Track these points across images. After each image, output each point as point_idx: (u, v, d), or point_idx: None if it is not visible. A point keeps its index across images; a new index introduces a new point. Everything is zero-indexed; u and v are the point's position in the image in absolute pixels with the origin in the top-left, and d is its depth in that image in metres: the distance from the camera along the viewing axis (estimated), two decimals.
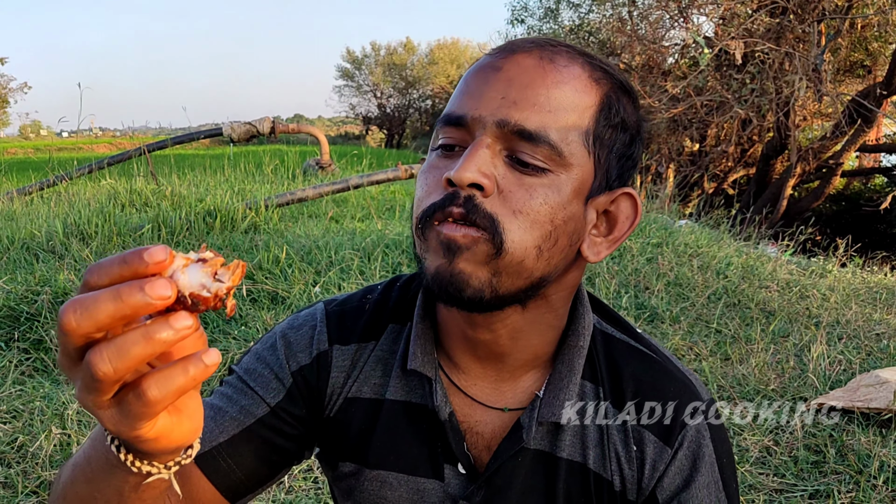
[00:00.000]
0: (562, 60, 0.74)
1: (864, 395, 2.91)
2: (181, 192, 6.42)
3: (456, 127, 0.74)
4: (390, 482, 0.87)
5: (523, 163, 0.72)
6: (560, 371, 0.83)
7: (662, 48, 10.53)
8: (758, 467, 2.54)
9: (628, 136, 0.78)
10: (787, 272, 5.17)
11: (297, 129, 10.81)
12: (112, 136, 28.82)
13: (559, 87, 0.73)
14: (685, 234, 5.59)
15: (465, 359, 0.85)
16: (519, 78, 0.72)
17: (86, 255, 4.38)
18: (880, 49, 10.18)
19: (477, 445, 0.86)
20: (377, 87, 37.20)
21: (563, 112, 0.72)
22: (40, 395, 2.86)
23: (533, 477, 0.84)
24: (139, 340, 0.47)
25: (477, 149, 0.71)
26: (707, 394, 0.86)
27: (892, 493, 2.34)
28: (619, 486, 0.82)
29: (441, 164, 0.75)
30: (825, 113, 10.55)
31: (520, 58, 0.74)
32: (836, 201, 12.76)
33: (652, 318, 4.06)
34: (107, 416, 0.51)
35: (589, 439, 0.83)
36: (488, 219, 0.70)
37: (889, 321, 4.17)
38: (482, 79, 0.74)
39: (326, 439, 0.90)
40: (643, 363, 0.86)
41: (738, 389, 3.18)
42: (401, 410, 0.86)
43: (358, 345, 0.89)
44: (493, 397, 0.86)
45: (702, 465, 0.81)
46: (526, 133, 0.71)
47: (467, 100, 0.74)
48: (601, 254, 0.80)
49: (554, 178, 0.72)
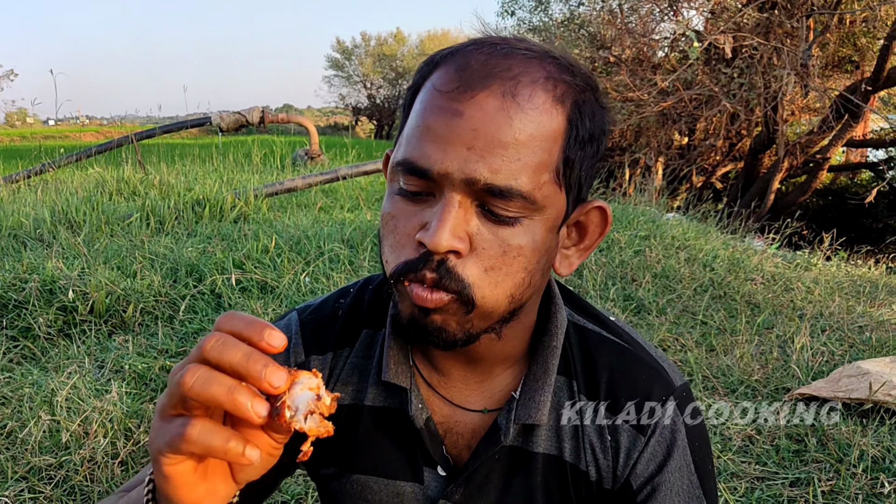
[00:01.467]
0: (524, 92, 0.69)
1: (846, 386, 2.96)
2: (170, 181, 6.41)
3: (420, 178, 0.70)
4: (371, 486, 0.89)
5: (496, 216, 0.70)
6: (535, 372, 0.84)
7: (652, 41, 10.55)
8: (740, 455, 2.58)
9: (596, 145, 0.76)
10: (772, 265, 5.22)
11: (287, 118, 10.78)
12: (99, 125, 28.59)
13: (526, 129, 0.69)
14: (673, 226, 5.63)
15: (441, 362, 0.86)
16: (484, 127, 0.68)
17: (74, 243, 4.36)
18: (868, 44, 10.25)
19: (457, 445, 0.87)
20: (367, 78, 37.08)
21: (533, 155, 0.69)
22: (29, 383, 2.86)
23: (511, 473, 0.85)
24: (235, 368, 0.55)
25: (448, 210, 0.69)
26: (680, 378, 0.87)
27: (872, 481, 2.39)
28: (594, 475, 0.84)
29: (409, 210, 0.73)
30: (813, 108, 10.62)
31: (481, 99, 0.68)
32: (823, 196, 12.86)
33: (639, 310, 4.10)
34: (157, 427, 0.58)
35: (564, 432, 0.85)
36: (459, 283, 0.71)
37: (871, 314, 4.22)
38: (443, 125, 0.69)
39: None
40: (615, 353, 0.87)
41: (722, 380, 3.22)
42: (379, 416, 0.88)
43: (333, 352, 0.90)
44: (470, 399, 0.87)
45: (674, 450, 0.82)
46: (496, 190, 0.68)
47: (430, 149, 0.69)
48: (573, 265, 0.81)
49: (528, 224, 0.72)
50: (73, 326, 3.45)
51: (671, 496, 0.81)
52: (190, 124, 10.14)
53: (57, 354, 3.20)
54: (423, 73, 0.75)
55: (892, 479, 2.37)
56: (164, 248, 4.45)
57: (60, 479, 2.27)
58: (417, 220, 0.72)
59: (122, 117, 23.24)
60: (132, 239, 4.71)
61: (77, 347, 3.28)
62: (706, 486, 0.84)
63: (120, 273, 3.96)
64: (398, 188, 0.74)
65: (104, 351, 3.25)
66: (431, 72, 0.73)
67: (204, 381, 0.53)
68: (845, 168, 13.19)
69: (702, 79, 8.92)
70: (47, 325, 3.40)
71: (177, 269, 4.11)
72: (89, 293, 3.56)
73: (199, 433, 0.54)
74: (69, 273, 3.71)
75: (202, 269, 4.08)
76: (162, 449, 0.56)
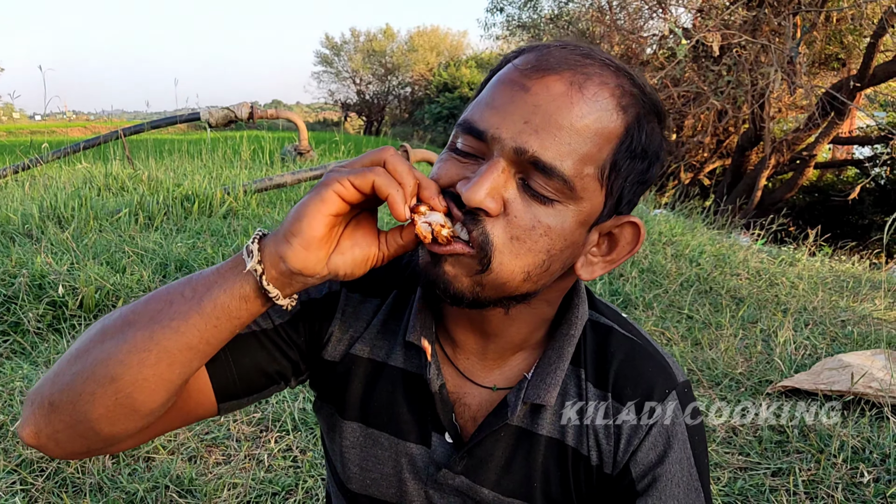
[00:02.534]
0: (592, 87, 0.73)
1: (828, 379, 3.01)
2: (158, 177, 6.39)
3: (475, 138, 0.75)
4: (381, 442, 0.92)
5: (534, 191, 0.73)
6: (549, 356, 0.88)
7: (641, 39, 10.60)
8: (723, 446, 2.63)
9: (647, 164, 0.79)
10: (757, 261, 5.28)
11: (276, 114, 10.75)
12: (86, 120, 28.41)
13: (583, 119, 0.72)
14: (660, 222, 5.68)
15: (461, 334, 0.90)
16: (545, 105, 0.72)
17: (63, 239, 4.36)
18: (854, 42, 10.34)
19: (464, 416, 0.91)
20: (356, 74, 37.03)
21: (583, 145, 0.73)
22: (19, 377, 2.87)
23: (513, 451, 0.89)
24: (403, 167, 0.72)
25: (492, 171, 0.72)
26: (682, 376, 0.91)
27: (852, 471, 2.44)
28: (595, 460, 0.87)
29: (456, 165, 0.77)
30: (800, 105, 10.71)
31: (550, 81, 0.73)
32: (810, 192, 12.98)
33: (626, 305, 4.14)
34: (338, 171, 0.71)
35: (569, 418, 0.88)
36: (484, 238, 0.73)
37: (854, 308, 4.29)
38: (508, 96, 0.74)
39: (326, 388, 0.96)
40: (626, 346, 0.90)
41: (706, 373, 3.26)
42: (399, 377, 0.92)
43: (362, 296, 0.95)
44: (483, 374, 0.91)
45: (675, 442, 0.85)
46: (541, 165, 0.72)
47: (490, 115, 0.74)
48: (595, 273, 0.82)
49: (561, 209, 0.74)
50: (62, 321, 3.45)
51: (671, 487, 0.84)
52: (178, 120, 10.10)
53: (47, 349, 3.21)
54: (509, 57, 0.80)
55: (871, 468, 2.42)
56: (154, 243, 4.46)
57: (52, 471, 2.29)
58: (461, 173, 0.76)
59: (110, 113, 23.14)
60: (121, 234, 4.71)
61: (67, 342, 3.29)
62: (704, 479, 0.87)
63: (109, 268, 3.96)
64: (454, 146, 0.79)
65: None
66: (516, 57, 0.79)
67: (387, 183, 0.70)
68: (831, 165, 13.32)
69: (690, 76, 8.98)
70: (37, 320, 3.40)
71: (166, 265, 4.12)
72: (78, 288, 3.56)
73: (383, 174, 0.70)
74: (58, 268, 3.71)
75: (192, 265, 4.09)
76: (343, 177, 0.69)
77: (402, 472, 0.92)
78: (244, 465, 2.44)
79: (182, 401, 0.83)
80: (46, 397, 0.74)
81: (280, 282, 0.71)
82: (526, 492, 0.89)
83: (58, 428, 0.75)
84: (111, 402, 0.72)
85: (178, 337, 0.72)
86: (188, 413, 0.85)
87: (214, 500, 2.23)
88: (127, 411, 0.73)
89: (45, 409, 0.74)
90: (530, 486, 0.88)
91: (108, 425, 0.74)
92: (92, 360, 0.73)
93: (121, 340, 0.72)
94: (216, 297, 0.72)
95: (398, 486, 0.93)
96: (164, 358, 0.72)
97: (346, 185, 0.68)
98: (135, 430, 0.77)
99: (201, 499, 2.23)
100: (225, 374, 0.86)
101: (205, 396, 0.85)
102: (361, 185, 0.68)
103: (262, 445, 2.56)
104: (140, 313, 0.74)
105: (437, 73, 33.37)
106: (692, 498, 0.85)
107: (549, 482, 0.88)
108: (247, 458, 2.48)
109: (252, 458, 2.48)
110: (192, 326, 0.72)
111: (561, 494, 0.89)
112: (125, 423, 0.75)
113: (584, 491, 0.88)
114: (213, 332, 0.73)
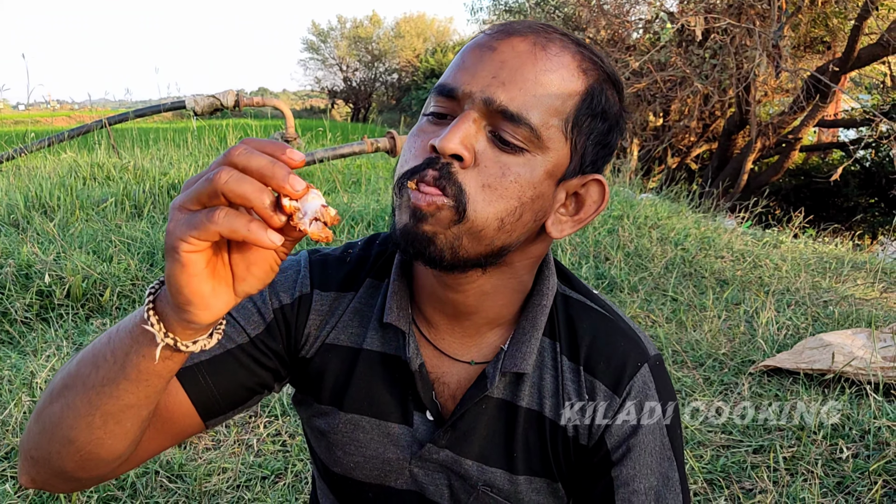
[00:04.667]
0: (554, 48, 0.79)
1: (809, 358, 3.06)
2: (144, 166, 6.36)
3: (447, 98, 0.79)
4: (363, 426, 0.94)
5: (503, 140, 0.77)
6: (524, 327, 0.90)
7: (627, 23, 10.61)
8: (706, 425, 2.67)
9: (607, 126, 0.83)
10: (742, 243, 5.33)
11: (262, 102, 10.68)
12: (70, 109, 28.13)
13: (547, 74, 0.77)
14: (646, 206, 5.72)
15: (435, 315, 0.92)
16: (511, 61, 0.77)
17: (48, 229, 4.35)
18: (839, 25, 10.37)
19: (443, 395, 0.93)
20: (343, 61, 36.80)
21: (547, 97, 0.77)
22: (8, 366, 2.88)
23: (495, 423, 0.91)
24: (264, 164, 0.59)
25: (463, 121, 0.76)
26: (653, 349, 0.94)
27: (831, 447, 2.49)
28: (572, 432, 0.90)
29: (429, 129, 0.80)
30: (785, 88, 10.76)
31: (515, 41, 0.78)
32: (795, 175, 13.05)
33: (611, 288, 4.18)
34: (178, 218, 0.60)
35: (546, 389, 0.91)
36: (457, 188, 0.76)
37: (836, 289, 4.34)
38: (477, 56, 0.79)
39: (304, 380, 0.97)
40: (597, 320, 0.93)
41: (690, 354, 3.31)
42: (376, 360, 0.93)
43: (337, 293, 0.95)
44: (460, 351, 0.93)
45: (648, 414, 0.88)
46: (508, 113, 0.76)
47: (461, 74, 0.79)
48: (564, 231, 0.85)
49: (530, 158, 0.78)
50: (50, 310, 3.46)
51: (644, 456, 0.87)
52: (163, 108, 10.04)
53: (35, 338, 3.22)
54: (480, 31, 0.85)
55: (850, 444, 2.47)
56: (141, 232, 4.45)
57: None
58: (435, 134, 0.79)
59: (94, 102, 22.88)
60: (107, 223, 4.70)
61: (55, 331, 3.29)
62: (676, 448, 0.90)
63: (96, 257, 3.96)
64: (429, 111, 0.82)
65: (82, 334, 3.27)
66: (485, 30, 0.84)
67: (237, 179, 0.58)
68: (817, 148, 13.40)
69: (675, 60, 9.00)
70: (24, 310, 3.41)
71: (153, 253, 4.12)
72: (65, 277, 3.56)
73: (226, 216, 0.58)
74: (44, 258, 3.70)
75: None
76: (184, 234, 0.59)
77: (385, 452, 0.94)
78: (234, 449, 2.47)
79: (168, 424, 0.85)
80: (27, 451, 0.77)
81: (198, 334, 0.68)
82: (507, 462, 0.91)
83: (46, 477, 0.78)
84: (77, 458, 0.74)
85: (115, 400, 0.70)
86: (176, 434, 0.87)
87: (204, 484, 2.26)
88: (95, 462, 0.75)
89: (30, 462, 0.77)
90: (511, 457, 0.91)
91: (85, 473, 0.77)
92: (48, 423, 0.74)
93: (64, 405, 0.72)
94: (137, 364, 0.68)
95: (381, 466, 0.94)
96: (110, 419, 0.72)
97: (193, 243, 0.59)
98: (113, 470, 0.79)
99: (191, 483, 2.25)
100: (206, 395, 0.87)
101: (190, 419, 0.86)
102: (208, 237, 0.59)
103: (251, 430, 2.58)
104: (74, 377, 0.73)
105: (424, 60, 33.23)
106: (665, 466, 0.88)
107: (530, 452, 0.91)
108: (236, 443, 2.51)
109: (241, 443, 2.50)
110: (124, 391, 0.70)
111: (541, 464, 0.91)
112: (99, 469, 0.77)
113: (562, 461, 0.91)
114: (147, 391, 0.71)
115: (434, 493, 0.94)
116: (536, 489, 0.92)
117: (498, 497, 0.92)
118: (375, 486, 0.96)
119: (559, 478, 0.92)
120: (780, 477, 2.33)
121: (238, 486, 2.28)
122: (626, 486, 0.87)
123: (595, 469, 0.89)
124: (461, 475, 0.92)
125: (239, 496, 2.24)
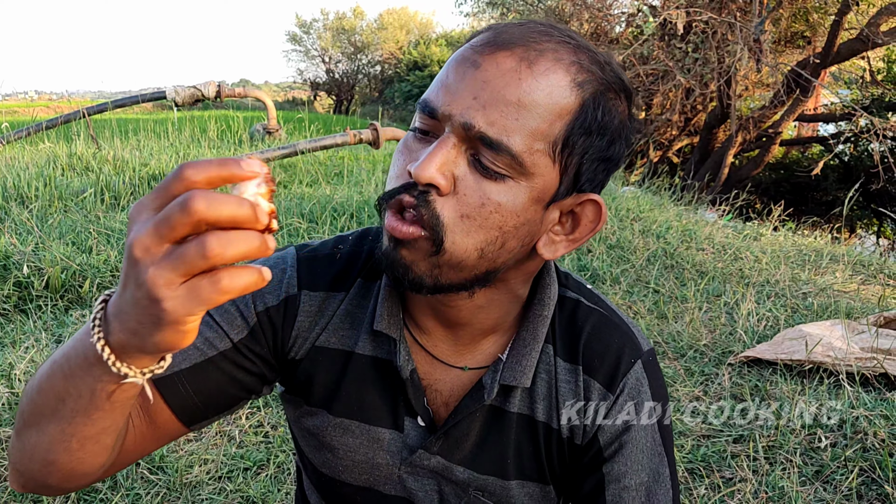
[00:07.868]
0: (543, 64, 0.73)
1: (788, 349, 3.09)
2: (124, 157, 6.31)
3: (429, 116, 0.75)
4: (352, 430, 0.92)
5: (484, 167, 0.73)
6: (524, 337, 0.88)
7: (610, 17, 10.63)
8: (687, 415, 2.69)
9: (606, 140, 0.77)
10: (722, 236, 5.37)
11: (244, 93, 10.61)
12: (49, 100, 27.80)
13: (532, 95, 0.72)
14: (628, 199, 5.75)
15: (429, 322, 0.90)
16: (494, 80, 0.72)
17: (26, 219, 4.30)
18: (820, 20, 10.46)
19: (435, 401, 0.92)
20: (325, 53, 36.60)
21: (532, 120, 0.72)
22: None
23: (487, 430, 0.90)
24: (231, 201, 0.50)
25: (441, 147, 0.72)
26: (647, 344, 0.94)
27: (810, 437, 2.52)
28: (566, 433, 0.89)
29: (413, 147, 0.77)
30: (766, 83, 10.84)
31: (500, 57, 0.73)
32: (776, 169, 13.16)
33: (593, 280, 4.20)
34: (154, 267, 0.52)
35: (537, 394, 0.89)
36: (434, 219, 0.73)
37: (815, 281, 4.39)
38: (460, 74, 0.74)
39: (293, 382, 0.94)
40: (594, 319, 0.92)
41: (672, 345, 3.33)
42: (368, 364, 0.91)
43: (326, 293, 0.91)
44: (453, 357, 0.91)
45: (640, 410, 0.88)
46: (487, 140, 0.71)
47: (443, 92, 0.74)
48: (558, 252, 0.81)
49: (512, 185, 0.73)
50: (28, 302, 3.42)
51: (636, 452, 0.87)
52: (143, 99, 9.93)
53: (13, 330, 3.18)
54: (469, 38, 0.80)
55: (828, 434, 2.50)
56: (120, 223, 4.41)
57: None
58: (416, 154, 0.76)
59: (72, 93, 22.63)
60: (87, 214, 4.65)
61: (33, 323, 3.26)
62: (667, 444, 0.90)
63: (75, 248, 3.92)
64: (413, 127, 0.78)
65: (61, 326, 3.23)
66: (475, 37, 0.78)
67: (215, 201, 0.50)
68: (797, 142, 13.51)
69: (657, 54, 9.03)
70: (2, 301, 3.36)
71: None
72: (44, 269, 3.52)
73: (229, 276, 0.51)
74: (23, 248, 3.66)
75: None
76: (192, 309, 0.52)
77: (375, 458, 0.92)
78: (215, 441, 2.45)
79: (151, 429, 0.83)
80: (13, 464, 0.76)
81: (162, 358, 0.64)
82: (499, 469, 0.90)
83: (34, 487, 0.77)
84: (61, 475, 0.73)
85: (90, 426, 0.68)
86: (160, 438, 0.85)
87: (186, 475, 2.24)
88: (79, 476, 0.74)
89: (18, 474, 0.76)
90: (503, 463, 0.90)
91: (71, 484, 0.76)
92: (27, 446, 0.72)
93: (40, 432, 0.70)
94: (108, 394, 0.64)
95: (370, 471, 0.93)
96: (87, 441, 0.70)
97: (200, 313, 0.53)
98: (100, 476, 0.78)
99: (172, 475, 2.24)
100: (187, 402, 0.84)
101: (172, 424, 0.85)
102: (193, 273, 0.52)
103: (233, 422, 2.57)
104: (42, 406, 0.69)
105: (407, 52, 33.13)
106: (656, 462, 0.88)
107: (522, 457, 0.90)
108: (218, 434, 2.50)
109: (223, 435, 2.49)
110: (98, 419, 0.67)
111: (532, 469, 0.91)
112: (86, 479, 0.76)
113: (555, 463, 0.91)
114: (122, 410, 0.68)
115: (423, 498, 0.93)
116: (528, 493, 0.92)
117: (489, 501, 0.92)
118: (364, 489, 0.95)
119: (551, 480, 0.92)
120: (759, 466, 2.36)
121: (220, 478, 2.27)
122: (618, 482, 0.87)
123: (587, 466, 0.89)
124: (452, 481, 0.92)
125: (221, 487, 2.23)
